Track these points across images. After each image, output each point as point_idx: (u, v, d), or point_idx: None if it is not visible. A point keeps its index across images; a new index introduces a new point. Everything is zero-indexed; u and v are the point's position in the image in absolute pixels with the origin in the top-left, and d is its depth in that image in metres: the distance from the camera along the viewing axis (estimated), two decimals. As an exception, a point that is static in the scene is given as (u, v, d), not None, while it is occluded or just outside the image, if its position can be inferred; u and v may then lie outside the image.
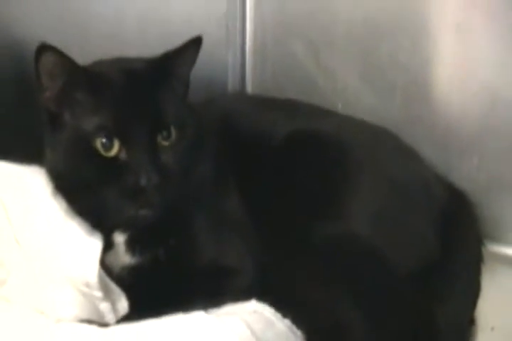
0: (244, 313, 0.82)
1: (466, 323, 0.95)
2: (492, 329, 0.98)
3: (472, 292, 0.97)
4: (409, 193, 1.00)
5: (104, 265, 0.93)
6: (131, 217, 0.87)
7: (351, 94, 1.21)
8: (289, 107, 1.12)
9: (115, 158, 0.85)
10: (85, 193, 0.87)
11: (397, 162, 1.04)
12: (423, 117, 1.16)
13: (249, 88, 1.33)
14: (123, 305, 0.91)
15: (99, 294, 0.89)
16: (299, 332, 0.83)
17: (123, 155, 0.85)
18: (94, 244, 0.90)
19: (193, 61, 0.92)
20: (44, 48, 0.83)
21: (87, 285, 0.89)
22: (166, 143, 0.87)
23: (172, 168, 0.87)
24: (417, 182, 1.03)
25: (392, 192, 0.99)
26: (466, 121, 1.13)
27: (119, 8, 1.17)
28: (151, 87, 0.89)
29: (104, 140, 0.84)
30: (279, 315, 0.84)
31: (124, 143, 0.85)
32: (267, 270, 0.94)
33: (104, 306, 0.90)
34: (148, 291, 0.92)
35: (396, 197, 0.99)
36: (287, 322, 0.83)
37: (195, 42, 0.90)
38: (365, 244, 0.92)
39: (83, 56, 0.89)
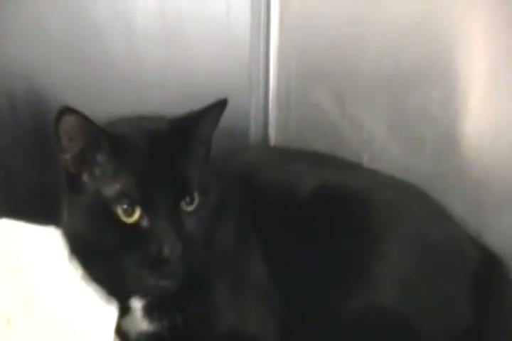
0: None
1: None
2: None
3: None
4: (441, 255, 0.96)
5: (120, 330, 0.89)
6: (151, 287, 0.83)
7: (378, 145, 1.17)
8: (314, 160, 1.08)
9: (136, 224, 0.81)
10: (103, 259, 0.83)
11: (427, 221, 1.00)
12: (453, 172, 1.11)
13: (272, 138, 1.29)
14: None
15: None
16: None
17: (145, 223, 0.81)
18: (109, 313, 0.86)
19: (216, 122, 0.89)
20: (65, 111, 0.80)
21: None
22: (189, 209, 0.84)
23: (195, 235, 0.84)
24: (448, 243, 0.98)
25: (423, 255, 0.94)
26: (499, 177, 1.08)
27: (140, 58, 1.14)
28: (174, 151, 0.85)
29: (125, 206, 0.81)
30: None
31: (146, 211, 0.81)
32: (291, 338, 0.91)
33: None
34: None
35: (427, 259, 0.94)
36: None
37: (220, 104, 0.87)
38: (395, 316, 0.88)
39: (102, 107, 0.86)
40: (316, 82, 1.20)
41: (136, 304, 0.89)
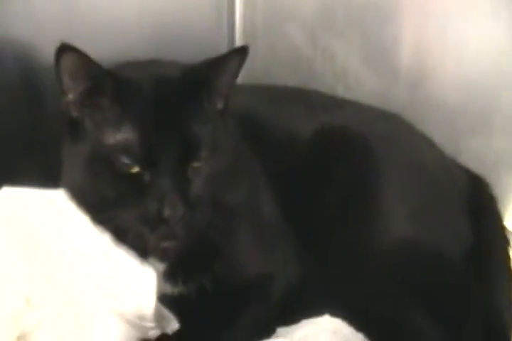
0: (324, 336, 0.80)
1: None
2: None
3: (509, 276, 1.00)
4: (438, 182, 1.01)
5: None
6: (152, 247, 0.80)
7: (352, 77, 1.18)
8: (304, 99, 1.07)
9: (137, 176, 0.77)
10: (104, 213, 0.78)
11: (420, 150, 1.05)
12: (429, 100, 1.15)
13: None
14: (172, 328, 0.86)
15: (151, 324, 0.83)
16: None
17: (147, 177, 0.77)
18: (148, 273, 0.81)
19: (236, 73, 0.82)
20: (65, 49, 0.75)
21: (141, 318, 0.83)
22: (195, 165, 0.79)
23: (202, 195, 0.79)
24: (442, 170, 1.04)
25: (423, 183, 0.99)
26: (472, 102, 1.13)
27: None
28: (185, 100, 0.80)
29: (125, 158, 0.76)
30: (354, 332, 0.82)
31: (148, 164, 0.76)
32: (312, 278, 0.93)
33: (153, 333, 0.84)
34: (195, 316, 0.86)
35: (427, 187, 0.99)
36: (362, 337, 0.82)
37: (239, 52, 0.81)
38: (417, 244, 0.92)
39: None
40: (285, 15, 1.18)
41: (157, 266, 0.85)
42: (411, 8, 1.11)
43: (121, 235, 0.79)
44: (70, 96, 0.79)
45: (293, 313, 0.87)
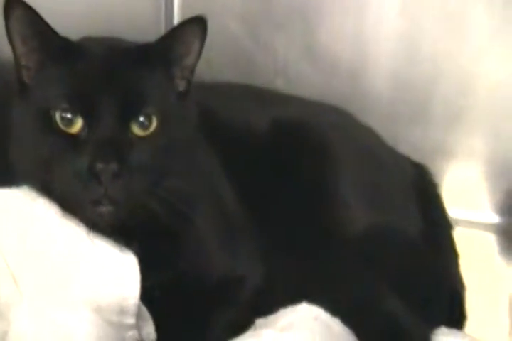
0: (307, 323, 0.79)
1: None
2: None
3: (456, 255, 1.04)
4: (389, 169, 1.05)
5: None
6: (90, 213, 0.75)
7: (293, 71, 1.19)
8: (252, 94, 1.08)
9: (76, 135, 0.75)
10: (44, 175, 0.76)
11: (368, 141, 1.07)
12: (368, 91, 1.18)
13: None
14: (148, 330, 0.83)
15: (131, 321, 0.78)
16: (350, 331, 0.83)
17: (84, 133, 0.74)
18: (129, 259, 0.77)
19: (196, 48, 0.80)
20: (14, 3, 0.74)
21: (121, 311, 0.77)
22: (141, 133, 0.76)
23: (145, 164, 0.76)
24: (390, 158, 1.07)
25: (376, 171, 1.02)
26: (409, 92, 1.17)
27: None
28: (136, 68, 0.78)
29: (63, 113, 0.74)
30: (331, 317, 0.82)
31: (87, 121, 0.74)
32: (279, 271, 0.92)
33: (131, 334, 0.81)
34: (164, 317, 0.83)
35: (380, 175, 1.02)
36: (339, 322, 0.82)
37: (194, 22, 0.78)
38: (380, 228, 0.94)
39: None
40: (225, 7, 1.17)
41: None
42: (349, 4, 1.14)
43: (66, 204, 0.77)
44: (23, 61, 0.78)
45: (265, 309, 0.85)
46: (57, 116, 0.75)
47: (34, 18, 0.75)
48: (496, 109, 1.15)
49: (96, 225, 0.78)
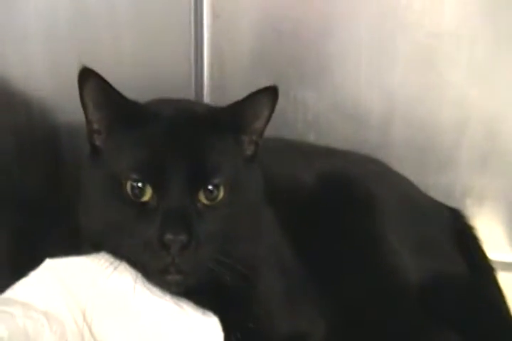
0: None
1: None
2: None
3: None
4: (430, 217, 1.07)
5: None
6: (158, 281, 0.77)
7: (324, 124, 1.22)
8: (295, 147, 1.11)
9: (145, 203, 0.76)
10: (114, 241, 0.77)
11: (407, 189, 1.10)
12: (397, 139, 1.22)
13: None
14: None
15: None
16: None
17: (154, 202, 0.76)
18: (212, 321, 0.78)
19: (266, 114, 0.82)
20: (87, 73, 0.76)
21: None
22: (209, 202, 0.77)
23: (211, 232, 0.76)
24: (429, 205, 1.09)
25: (419, 220, 1.04)
26: (439, 142, 1.22)
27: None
28: (206, 134, 0.79)
29: (134, 183, 0.76)
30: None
31: (157, 190, 0.76)
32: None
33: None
34: None
35: (423, 223, 1.04)
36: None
37: (267, 92, 0.80)
38: (429, 273, 0.96)
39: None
40: (256, 65, 1.20)
41: None
42: (373, 56, 1.19)
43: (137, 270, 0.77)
44: (95, 126, 0.80)
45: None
46: (128, 185, 0.76)
47: (106, 87, 0.78)
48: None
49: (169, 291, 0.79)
